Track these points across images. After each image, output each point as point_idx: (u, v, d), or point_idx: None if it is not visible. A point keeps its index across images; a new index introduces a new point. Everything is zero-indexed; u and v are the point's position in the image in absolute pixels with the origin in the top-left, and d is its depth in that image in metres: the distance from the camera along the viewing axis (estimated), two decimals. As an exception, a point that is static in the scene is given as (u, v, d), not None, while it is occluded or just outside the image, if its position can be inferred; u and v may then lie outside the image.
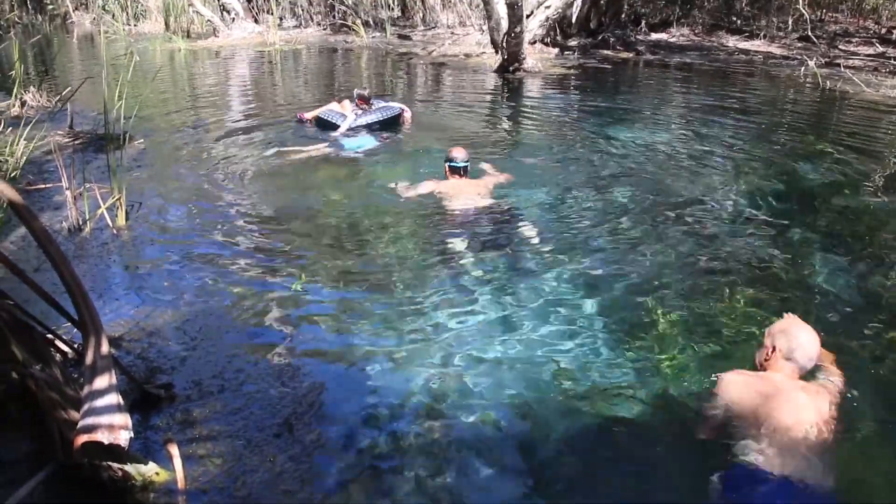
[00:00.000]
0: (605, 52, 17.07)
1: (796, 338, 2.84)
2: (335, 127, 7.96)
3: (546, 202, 5.71)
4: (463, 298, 4.10)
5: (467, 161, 5.75)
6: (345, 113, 8.12)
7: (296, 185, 6.18)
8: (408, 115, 8.64)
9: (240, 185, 6.17)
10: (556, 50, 16.59)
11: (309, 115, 8.48)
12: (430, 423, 3.00)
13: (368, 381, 3.29)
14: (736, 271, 4.47)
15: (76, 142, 7.34)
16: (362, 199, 5.81)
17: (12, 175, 5.82)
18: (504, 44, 13.31)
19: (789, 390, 2.71)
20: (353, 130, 7.94)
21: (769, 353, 2.89)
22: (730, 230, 5.16)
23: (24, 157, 6.17)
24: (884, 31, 18.89)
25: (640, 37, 18.78)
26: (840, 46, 16.99)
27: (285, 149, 7.33)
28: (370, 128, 8.07)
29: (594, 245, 4.89)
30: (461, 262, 4.60)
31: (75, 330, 2.50)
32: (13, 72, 8.67)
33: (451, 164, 5.72)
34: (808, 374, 2.91)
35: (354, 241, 4.95)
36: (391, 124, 8.36)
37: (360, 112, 8.16)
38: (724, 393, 2.75)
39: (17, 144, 6.07)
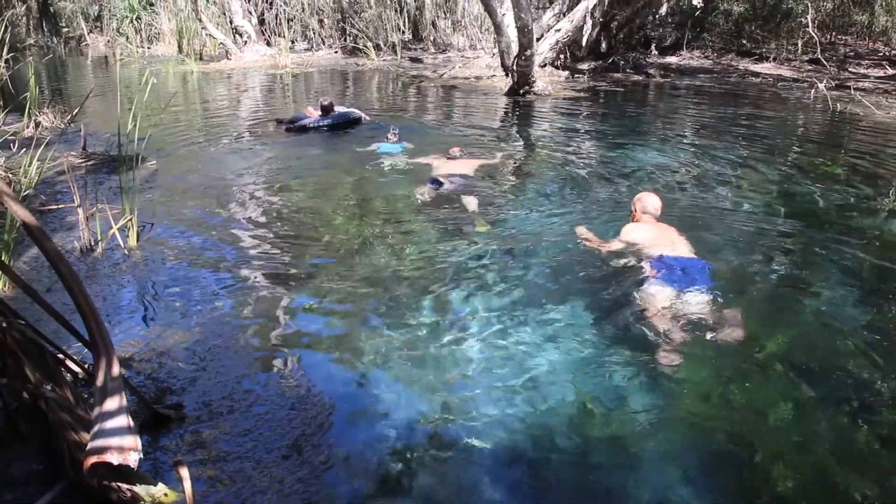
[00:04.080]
0: (616, 75, 17.16)
1: (648, 199, 4.96)
2: (304, 127, 9.73)
3: (556, 224, 5.71)
4: (474, 320, 4.09)
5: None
6: (311, 116, 9.99)
7: (306, 205, 6.21)
8: (367, 118, 10.51)
9: (250, 206, 6.20)
10: (567, 73, 16.68)
11: (286, 120, 10.15)
12: (439, 444, 2.98)
13: (378, 403, 3.29)
14: (742, 293, 4.44)
15: (89, 163, 7.40)
16: (372, 218, 5.82)
17: (26, 195, 5.86)
18: (514, 67, 13.38)
19: (660, 225, 4.92)
20: (322, 128, 9.75)
21: (636, 213, 4.97)
22: (737, 252, 5.13)
23: (38, 178, 6.22)
24: (894, 53, 18.91)
25: (650, 60, 18.87)
26: (850, 69, 17.01)
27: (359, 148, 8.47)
28: (332, 127, 9.81)
29: (603, 266, 4.87)
30: (472, 283, 4.60)
31: (86, 350, 2.50)
32: (28, 93, 8.76)
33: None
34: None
35: (365, 261, 4.96)
36: (350, 125, 10.06)
37: (322, 116, 9.93)
38: (634, 233, 4.84)
39: (31, 165, 6.12)
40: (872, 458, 2.99)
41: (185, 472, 2.50)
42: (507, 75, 14.32)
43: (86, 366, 2.94)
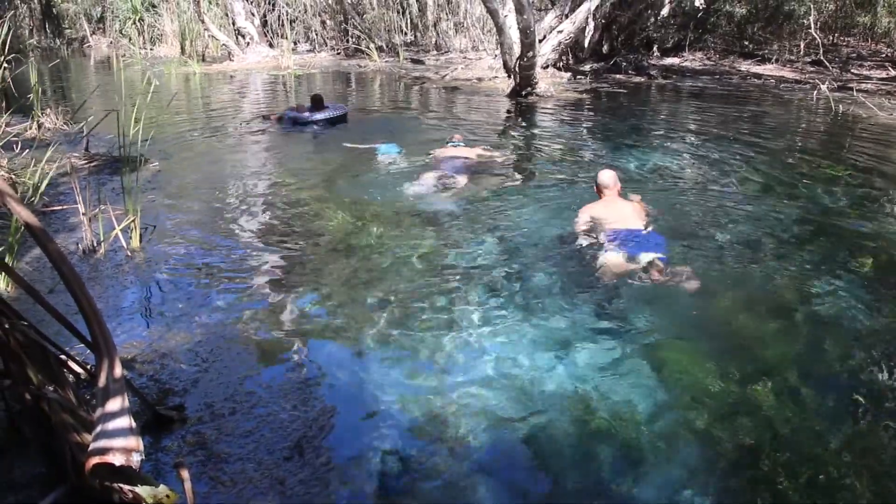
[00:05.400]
0: (618, 76, 17.14)
1: (601, 176, 5.40)
2: (294, 122, 10.07)
3: (557, 227, 5.71)
4: (473, 319, 4.09)
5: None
6: (299, 111, 10.22)
7: (308, 206, 6.22)
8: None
9: (253, 207, 6.21)
10: (569, 74, 16.66)
11: (273, 116, 10.53)
12: (441, 446, 2.98)
13: (380, 405, 3.29)
14: (744, 296, 4.44)
15: (92, 164, 7.41)
16: (373, 218, 5.82)
17: (29, 197, 5.87)
18: (516, 68, 13.37)
19: (616, 201, 5.34)
20: (311, 124, 10.05)
21: (598, 189, 5.41)
22: (739, 255, 5.13)
23: (41, 179, 6.22)
24: (896, 54, 18.88)
25: (652, 61, 18.85)
26: (852, 70, 16.99)
27: (350, 145, 8.67)
28: (325, 123, 10.09)
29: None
30: (471, 282, 4.60)
31: (88, 351, 2.51)
32: (31, 95, 8.78)
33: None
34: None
35: (368, 262, 4.96)
36: (340, 121, 10.35)
37: (314, 112, 10.17)
38: (588, 211, 5.26)
39: (34, 166, 6.12)
40: (875, 457, 2.99)
41: (186, 474, 2.51)
42: (509, 77, 14.30)
43: (88, 367, 2.94)
